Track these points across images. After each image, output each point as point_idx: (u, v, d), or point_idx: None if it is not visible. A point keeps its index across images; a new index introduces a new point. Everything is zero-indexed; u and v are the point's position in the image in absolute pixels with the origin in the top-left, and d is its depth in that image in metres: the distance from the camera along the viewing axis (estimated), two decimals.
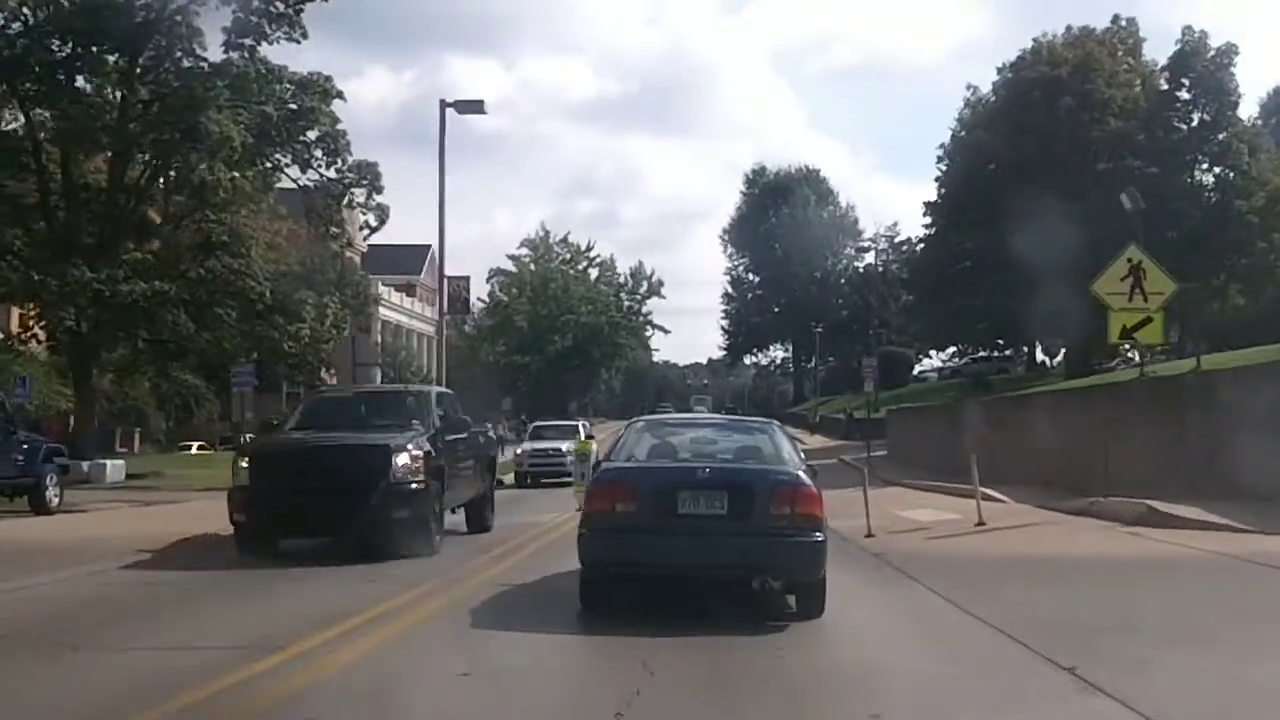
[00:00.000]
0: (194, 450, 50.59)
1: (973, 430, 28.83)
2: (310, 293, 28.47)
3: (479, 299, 65.28)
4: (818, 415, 57.00)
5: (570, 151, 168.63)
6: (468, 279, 29.25)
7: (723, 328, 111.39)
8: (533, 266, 63.17)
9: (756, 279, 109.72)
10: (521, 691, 6.49)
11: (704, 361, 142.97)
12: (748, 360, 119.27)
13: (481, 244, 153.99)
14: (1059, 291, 35.79)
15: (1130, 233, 30.53)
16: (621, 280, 65.89)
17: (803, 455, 10.27)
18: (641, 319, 65.91)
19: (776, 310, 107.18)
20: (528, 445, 31.38)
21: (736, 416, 17.98)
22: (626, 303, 64.52)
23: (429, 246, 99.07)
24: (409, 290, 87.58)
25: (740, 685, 6.62)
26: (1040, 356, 74.82)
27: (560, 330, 60.01)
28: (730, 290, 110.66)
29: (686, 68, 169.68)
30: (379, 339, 63.93)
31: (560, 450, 29.23)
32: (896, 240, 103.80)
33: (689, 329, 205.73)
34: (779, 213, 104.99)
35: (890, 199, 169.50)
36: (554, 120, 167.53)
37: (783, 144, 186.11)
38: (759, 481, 8.69)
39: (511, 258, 64.55)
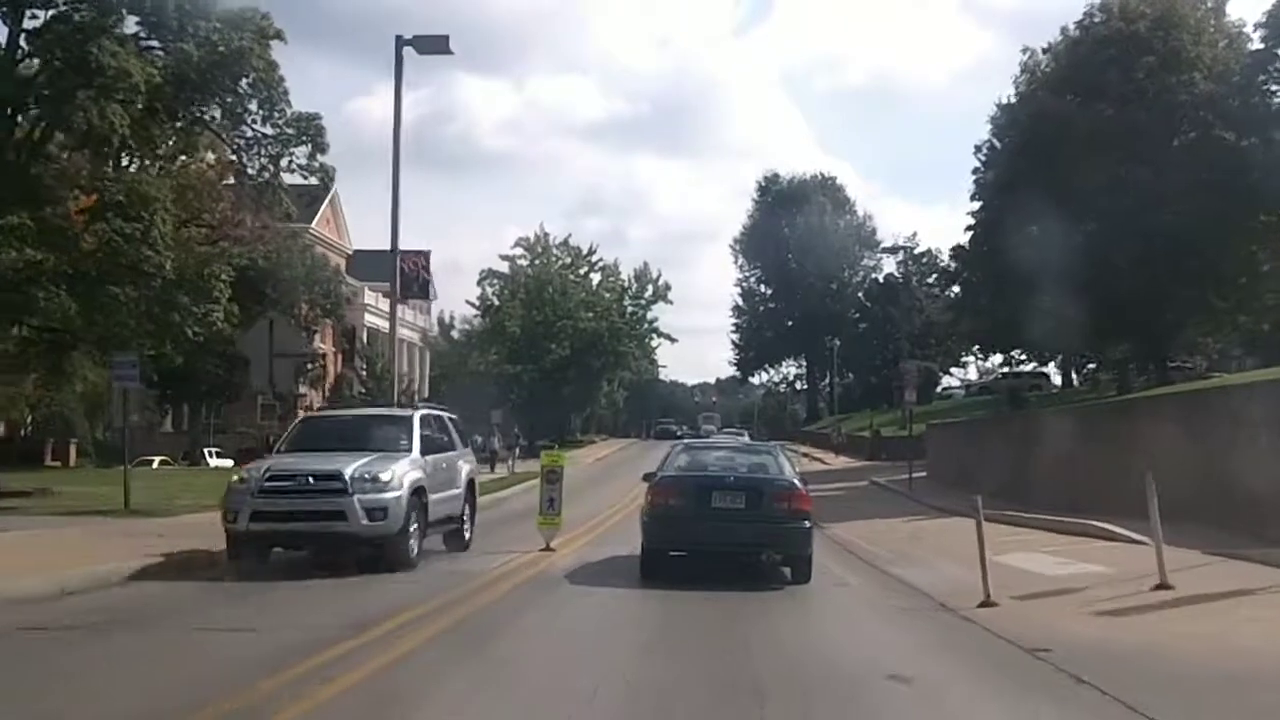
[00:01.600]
0: (155, 465, 45.62)
1: (1054, 446, 23.19)
2: (227, 268, 22.84)
3: (468, 302, 59.87)
4: (842, 433, 51.29)
5: (578, 171, 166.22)
6: (427, 254, 23.66)
7: (733, 342, 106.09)
8: (528, 269, 57.67)
9: (769, 291, 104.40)
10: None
11: (712, 381, 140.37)
12: (760, 379, 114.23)
13: (488, 262, 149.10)
14: (1133, 283, 30.28)
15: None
16: (625, 284, 60.79)
17: (797, 468, 14.80)
18: (646, 326, 60.20)
19: (790, 324, 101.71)
20: (262, 467, 13.26)
21: (748, 441, 22.72)
22: (630, 308, 58.73)
23: (428, 252, 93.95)
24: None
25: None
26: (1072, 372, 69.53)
27: (556, 337, 54.34)
28: (741, 303, 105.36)
29: (694, 88, 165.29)
30: (362, 342, 58.49)
31: (341, 479, 12.32)
32: (916, 251, 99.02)
33: (697, 349, 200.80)
34: (793, 222, 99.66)
35: (898, 221, 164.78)
36: (562, 140, 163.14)
37: (790, 165, 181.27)
38: (766, 486, 12.47)
39: (505, 258, 59.69)
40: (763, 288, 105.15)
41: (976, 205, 36.04)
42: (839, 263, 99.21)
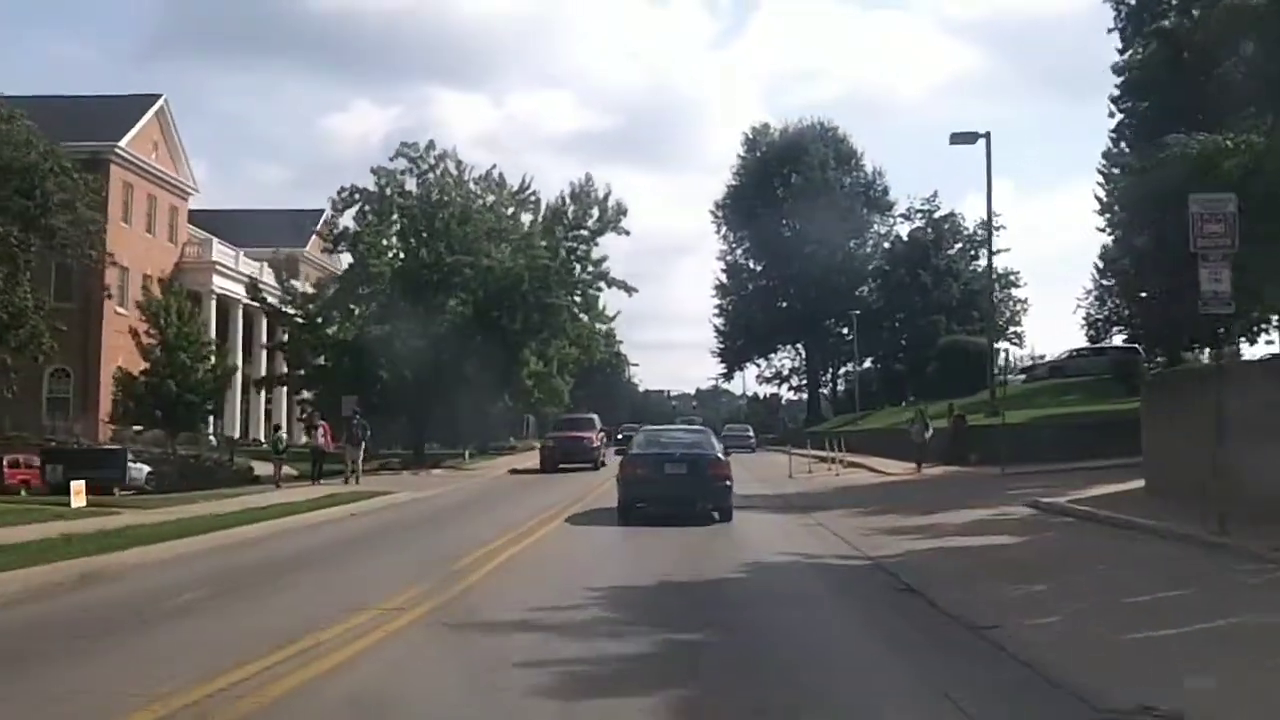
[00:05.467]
0: None
1: None
2: None
3: (316, 233, 40.64)
4: (929, 428, 31.51)
5: (555, 184, 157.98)
6: None
7: (716, 328, 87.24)
8: (412, 186, 38.36)
9: (759, 266, 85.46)
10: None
11: (691, 391, 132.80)
12: (746, 377, 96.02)
13: None
14: None
15: None
16: (559, 205, 38.69)
17: (721, 444, 19.37)
18: (590, 268, 38.52)
19: (784, 305, 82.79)
20: None
21: (694, 427, 26.93)
22: (565, 242, 38.98)
23: (321, 211, 74.04)
24: (288, 266, 62.91)
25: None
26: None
27: (450, 285, 35.08)
28: (724, 280, 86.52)
29: (671, 102, 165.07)
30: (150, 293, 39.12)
31: None
32: (936, 215, 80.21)
33: (676, 363, 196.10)
34: (787, 181, 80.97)
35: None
36: (539, 153, 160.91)
37: (783, 115, 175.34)
38: (701, 459, 17.28)
39: (377, 172, 36.86)
40: (751, 263, 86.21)
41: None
42: (845, 229, 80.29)
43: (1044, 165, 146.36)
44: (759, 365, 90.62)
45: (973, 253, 76.85)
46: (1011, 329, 78.23)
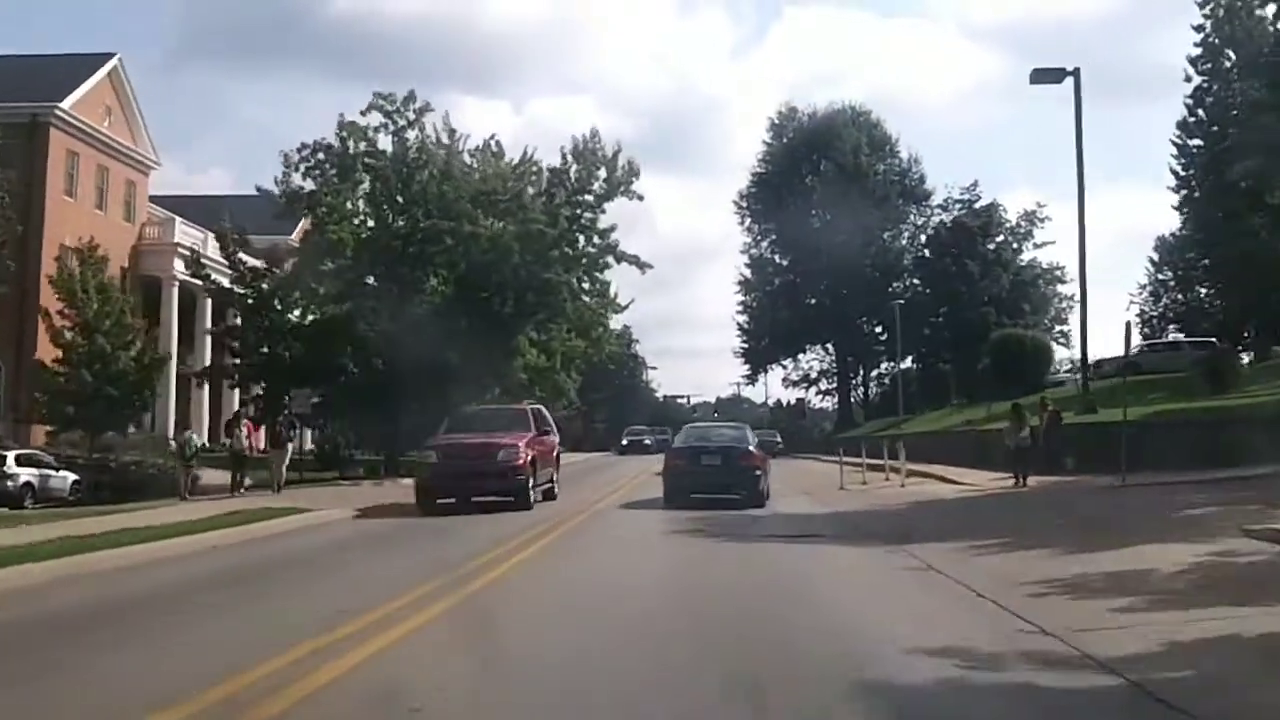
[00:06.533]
0: None
1: None
2: None
3: (266, 193, 34.29)
4: (1024, 429, 24.21)
5: None
6: None
7: (739, 325, 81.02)
8: (385, 143, 32.19)
9: (785, 261, 79.22)
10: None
11: (712, 399, 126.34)
12: (771, 380, 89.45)
13: None
14: None
15: None
16: (563, 166, 32.09)
17: (755, 436, 22.72)
18: (597, 241, 31.99)
19: (812, 301, 76.56)
20: None
21: (732, 424, 29.18)
22: (567, 209, 32.87)
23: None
24: (269, 257, 57.13)
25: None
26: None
27: (428, 258, 29.21)
28: (748, 275, 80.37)
29: (693, 106, 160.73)
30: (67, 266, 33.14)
31: None
32: (978, 205, 73.96)
33: (699, 370, 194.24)
34: (818, 170, 74.85)
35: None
36: (560, 158, 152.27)
37: (813, 98, 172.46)
38: (734, 450, 19.79)
39: (344, 131, 30.07)
40: (777, 257, 79.96)
41: None
42: (879, 219, 74.08)
43: (1069, 172, 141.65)
44: (785, 367, 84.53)
45: (1015, 245, 70.93)
46: (1058, 327, 72.36)
